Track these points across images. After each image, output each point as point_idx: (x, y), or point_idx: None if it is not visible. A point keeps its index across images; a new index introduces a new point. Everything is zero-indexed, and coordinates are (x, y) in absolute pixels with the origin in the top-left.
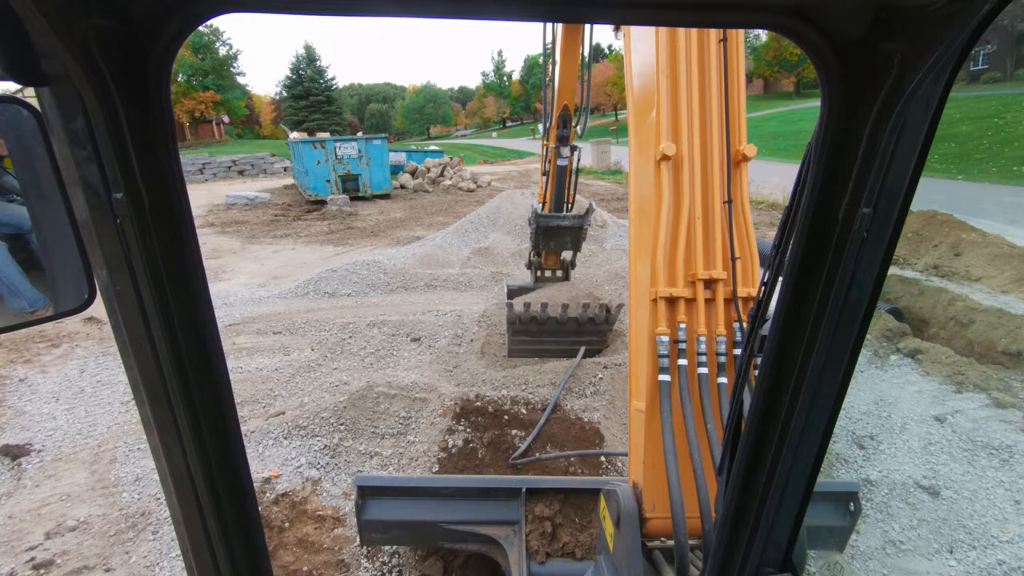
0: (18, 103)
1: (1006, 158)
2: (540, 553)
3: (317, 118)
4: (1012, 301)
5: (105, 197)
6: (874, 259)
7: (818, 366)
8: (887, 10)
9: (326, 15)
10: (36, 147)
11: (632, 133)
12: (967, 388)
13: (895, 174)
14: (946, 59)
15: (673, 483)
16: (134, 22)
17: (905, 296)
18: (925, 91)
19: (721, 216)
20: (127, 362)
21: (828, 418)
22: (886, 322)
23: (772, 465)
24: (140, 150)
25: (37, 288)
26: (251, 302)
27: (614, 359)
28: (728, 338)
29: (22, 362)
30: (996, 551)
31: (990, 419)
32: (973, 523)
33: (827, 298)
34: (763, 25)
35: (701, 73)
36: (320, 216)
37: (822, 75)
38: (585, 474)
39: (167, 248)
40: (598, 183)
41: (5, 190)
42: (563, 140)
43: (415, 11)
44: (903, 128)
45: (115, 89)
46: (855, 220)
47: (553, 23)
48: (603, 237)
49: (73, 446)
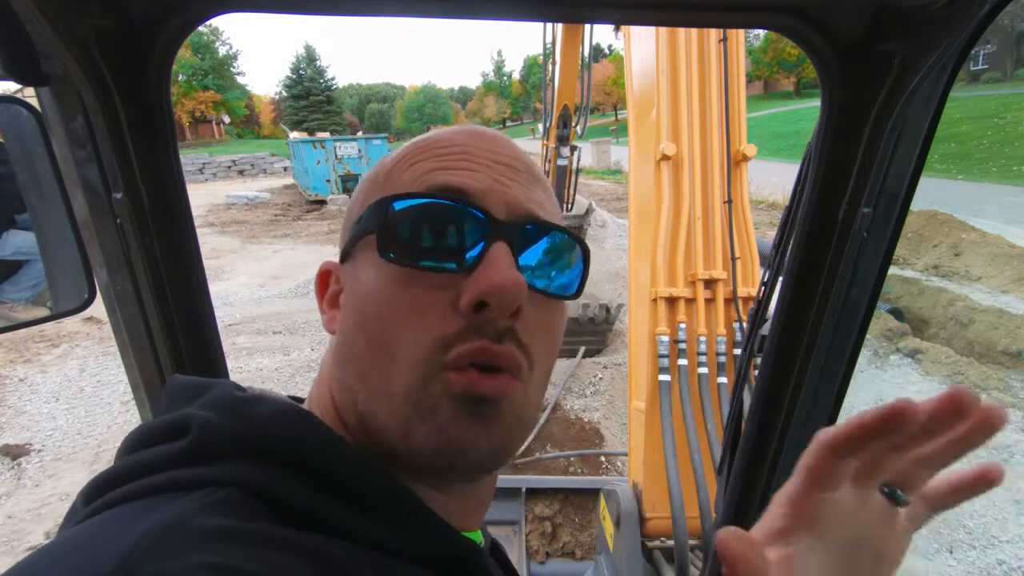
0: (18, 103)
1: (1006, 158)
2: (540, 553)
3: (317, 118)
4: (1012, 301)
5: (105, 197)
6: (874, 259)
7: (818, 366)
8: (887, 10)
9: (326, 15)
10: (36, 147)
11: (632, 133)
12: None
13: (895, 174)
14: (946, 59)
15: (673, 483)
16: (134, 22)
17: (905, 296)
18: (925, 91)
19: (721, 216)
20: (127, 362)
21: (828, 418)
22: (886, 322)
23: (772, 465)
24: (140, 150)
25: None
26: (251, 302)
27: (614, 359)
28: (728, 338)
29: (22, 362)
30: (996, 551)
31: None
32: (973, 523)
33: (827, 298)
34: (763, 25)
35: (701, 73)
36: (320, 216)
37: (822, 75)
38: (585, 474)
39: (167, 248)
40: (598, 183)
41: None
42: (563, 140)
43: (415, 11)
44: (903, 128)
45: (115, 89)
46: (855, 220)
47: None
48: (603, 237)
49: (73, 446)
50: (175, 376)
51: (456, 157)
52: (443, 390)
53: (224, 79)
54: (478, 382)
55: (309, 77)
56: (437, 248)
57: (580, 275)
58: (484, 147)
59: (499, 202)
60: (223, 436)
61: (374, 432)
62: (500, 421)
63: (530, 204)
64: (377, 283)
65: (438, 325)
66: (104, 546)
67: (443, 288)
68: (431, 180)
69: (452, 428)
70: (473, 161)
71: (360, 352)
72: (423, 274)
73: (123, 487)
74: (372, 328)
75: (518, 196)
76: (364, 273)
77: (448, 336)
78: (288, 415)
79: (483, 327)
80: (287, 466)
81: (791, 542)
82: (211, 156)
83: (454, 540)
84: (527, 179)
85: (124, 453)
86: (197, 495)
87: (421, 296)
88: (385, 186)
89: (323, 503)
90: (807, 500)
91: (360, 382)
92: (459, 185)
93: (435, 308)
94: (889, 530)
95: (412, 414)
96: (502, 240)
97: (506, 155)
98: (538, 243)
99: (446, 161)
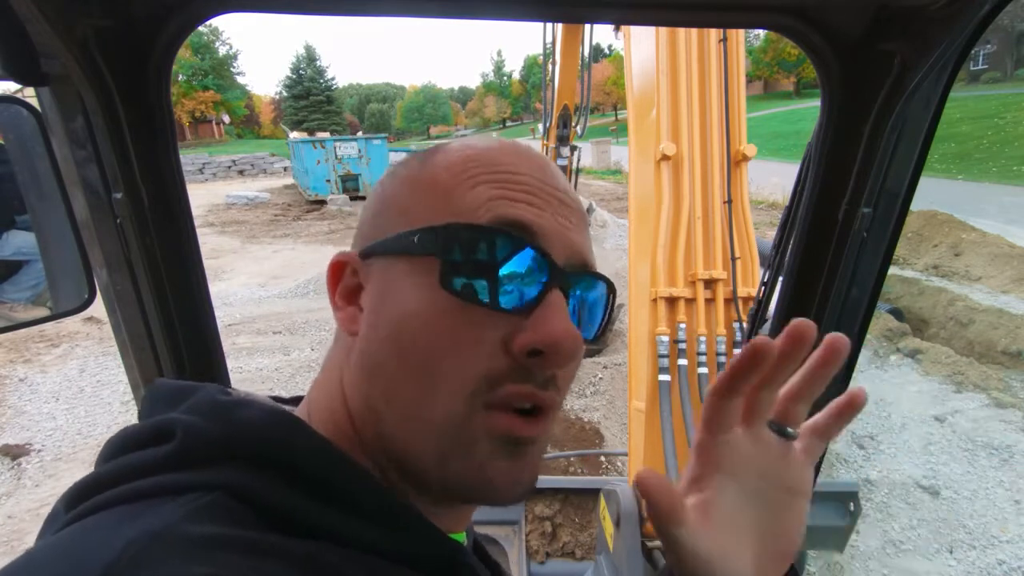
0: (18, 103)
1: (1006, 158)
2: (540, 553)
3: (317, 118)
4: (1012, 301)
5: (105, 197)
6: (874, 259)
7: None
8: (887, 10)
9: (326, 15)
10: (36, 147)
11: (632, 133)
12: (967, 388)
13: (895, 174)
14: (946, 59)
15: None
16: (134, 22)
17: (905, 296)
18: (925, 91)
19: (721, 216)
20: (127, 362)
21: None
22: (886, 322)
23: None
24: (140, 150)
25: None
26: (251, 302)
27: (614, 359)
28: (728, 338)
29: (22, 362)
30: (996, 551)
31: (990, 419)
32: (973, 523)
33: (827, 298)
34: (763, 25)
35: (701, 73)
36: (320, 216)
37: (822, 75)
38: (585, 474)
39: (167, 248)
40: (598, 183)
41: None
42: (563, 140)
43: (415, 11)
44: (903, 128)
45: (115, 89)
46: (855, 220)
47: (553, 23)
48: (603, 237)
49: (73, 446)
50: (158, 380)
51: (520, 188)
52: (485, 428)
53: (224, 79)
54: (521, 427)
55: (309, 77)
56: (497, 285)
57: (601, 320)
58: (545, 180)
59: (560, 246)
60: (208, 440)
61: (399, 453)
62: (532, 459)
63: (584, 251)
64: (428, 309)
65: (486, 362)
66: (88, 554)
67: (496, 327)
68: (498, 211)
69: (489, 467)
70: (537, 195)
71: (392, 373)
72: (480, 309)
73: (107, 492)
74: (414, 353)
75: (576, 241)
76: (408, 291)
77: (495, 374)
78: (275, 419)
79: (532, 373)
80: (275, 470)
81: (704, 487)
82: (211, 156)
83: (441, 542)
84: (579, 220)
85: (106, 458)
86: (183, 500)
87: (473, 330)
88: (448, 203)
89: (313, 507)
90: (709, 446)
91: (389, 403)
92: (528, 223)
93: (485, 345)
94: (789, 464)
95: (449, 447)
96: (559, 287)
97: (562, 190)
98: (587, 294)
99: (511, 191)
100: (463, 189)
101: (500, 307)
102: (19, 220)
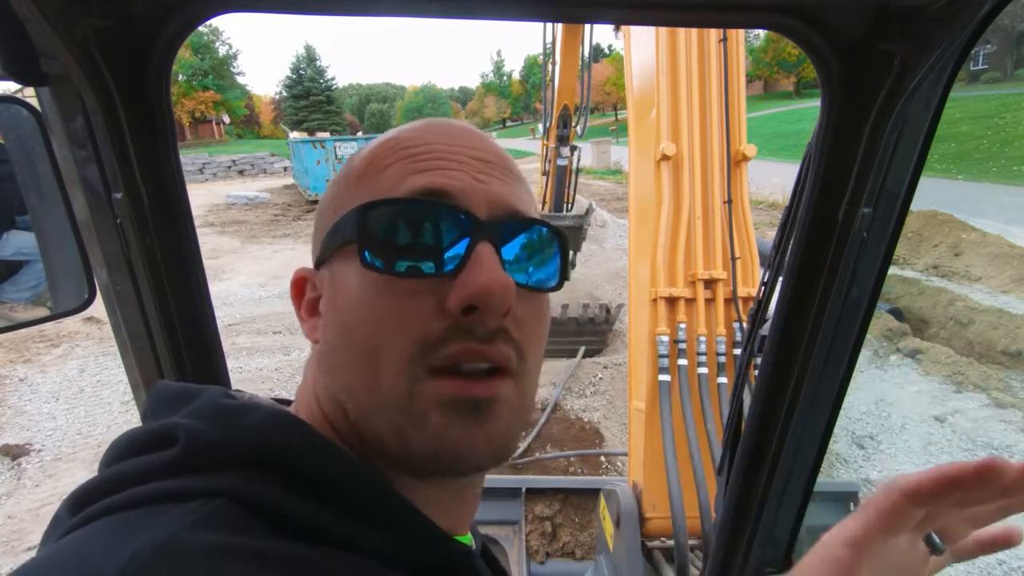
0: (18, 103)
1: (1006, 158)
2: (540, 553)
3: (317, 118)
4: (1012, 301)
5: (105, 197)
6: (874, 259)
7: (818, 366)
8: (887, 10)
9: (326, 15)
10: (36, 147)
11: (632, 133)
12: (967, 388)
13: (895, 174)
14: (946, 59)
15: (673, 483)
16: (134, 22)
17: (905, 296)
18: (925, 91)
19: (721, 216)
20: (127, 362)
21: (828, 418)
22: (886, 322)
23: (772, 465)
24: (140, 150)
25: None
26: (251, 302)
27: (614, 359)
28: (728, 338)
29: (22, 362)
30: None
31: (990, 419)
32: None
33: (827, 298)
34: (763, 25)
35: (701, 73)
36: None
37: (822, 75)
38: (585, 474)
39: (167, 248)
40: (598, 183)
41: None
42: (563, 140)
43: (415, 11)
44: (903, 128)
45: (115, 89)
46: (855, 220)
47: (553, 23)
48: (603, 237)
49: (73, 446)
50: (161, 382)
51: (430, 156)
52: (435, 396)
53: (224, 79)
54: (471, 388)
55: (309, 77)
56: (420, 252)
57: (560, 266)
58: (457, 143)
59: (480, 200)
60: (211, 445)
61: (369, 438)
62: (498, 420)
63: (510, 199)
64: (359, 291)
65: (418, 328)
66: (93, 566)
67: (428, 292)
68: (410, 184)
69: (448, 434)
70: (449, 159)
71: (344, 362)
72: (406, 280)
73: (110, 498)
74: (355, 337)
75: (498, 192)
76: (344, 281)
77: (431, 337)
78: (278, 422)
79: (472, 329)
80: (278, 475)
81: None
82: (211, 156)
83: (448, 545)
84: (503, 172)
85: (110, 462)
86: (187, 507)
87: (405, 302)
88: (359, 190)
89: (316, 512)
90: (871, 541)
91: (348, 393)
92: (439, 187)
93: (419, 313)
94: (922, 571)
95: (403, 420)
96: (486, 239)
97: (480, 149)
98: (519, 239)
99: (421, 162)
100: (377, 173)
101: (425, 273)
102: (19, 220)
